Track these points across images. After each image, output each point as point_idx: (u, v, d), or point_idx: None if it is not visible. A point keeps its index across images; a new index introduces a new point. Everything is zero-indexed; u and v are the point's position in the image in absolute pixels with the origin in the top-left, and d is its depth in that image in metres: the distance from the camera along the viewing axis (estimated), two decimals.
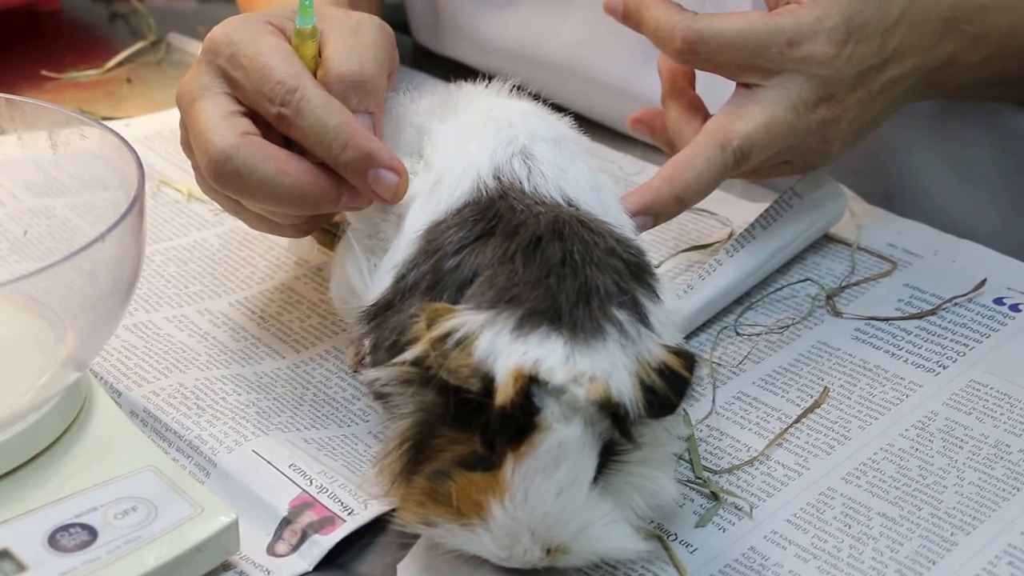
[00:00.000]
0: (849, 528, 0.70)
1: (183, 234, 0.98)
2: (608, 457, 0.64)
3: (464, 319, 0.62)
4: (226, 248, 0.97)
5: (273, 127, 0.74)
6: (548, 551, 0.62)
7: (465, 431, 0.63)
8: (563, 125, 0.79)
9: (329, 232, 0.85)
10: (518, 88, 0.80)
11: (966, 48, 0.87)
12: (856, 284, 0.89)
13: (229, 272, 0.94)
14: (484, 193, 0.71)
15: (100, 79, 1.24)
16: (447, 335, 0.62)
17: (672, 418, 0.66)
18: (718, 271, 0.87)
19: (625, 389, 0.62)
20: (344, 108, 0.73)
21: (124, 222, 0.68)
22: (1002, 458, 0.74)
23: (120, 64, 1.26)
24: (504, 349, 0.61)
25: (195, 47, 1.29)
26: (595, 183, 0.74)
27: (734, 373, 0.82)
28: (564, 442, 0.61)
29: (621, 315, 0.64)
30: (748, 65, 0.82)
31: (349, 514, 0.70)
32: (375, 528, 0.71)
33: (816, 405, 0.79)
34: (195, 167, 0.79)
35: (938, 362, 0.81)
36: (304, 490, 0.72)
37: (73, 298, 0.70)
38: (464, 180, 0.72)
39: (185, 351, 0.85)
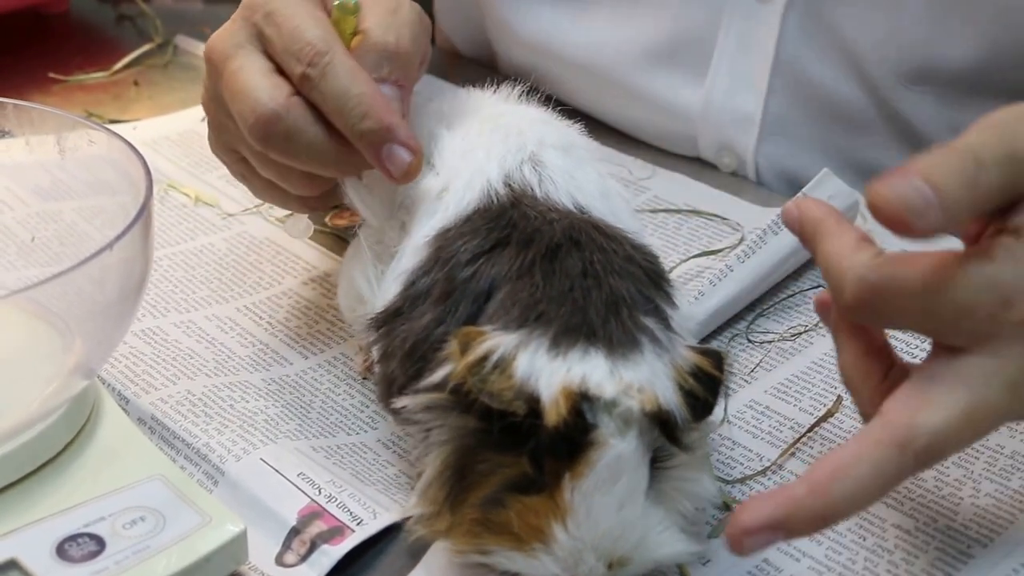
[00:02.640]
0: (864, 540, 0.69)
1: (190, 238, 0.98)
2: (654, 465, 0.63)
3: (498, 341, 0.61)
4: (233, 253, 0.96)
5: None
6: (610, 566, 0.61)
7: (511, 454, 0.61)
8: (572, 131, 0.78)
9: (337, 237, 0.85)
10: (528, 93, 0.80)
11: None
12: None
13: (236, 277, 0.93)
14: (495, 200, 0.70)
15: (107, 81, 1.24)
16: (483, 359, 0.61)
17: (701, 426, 0.65)
18: (729, 277, 0.86)
19: (670, 396, 0.61)
20: (371, 81, 0.73)
21: (132, 229, 0.67)
22: (1019, 469, 0.73)
23: (127, 66, 1.26)
24: (545, 368, 0.60)
25: (202, 49, 1.28)
26: (605, 190, 0.74)
27: (746, 381, 0.81)
28: (622, 456, 0.60)
29: (650, 323, 0.64)
30: (946, 331, 0.61)
31: (358, 524, 0.70)
32: (384, 538, 0.70)
33: (829, 414, 0.78)
34: (213, 125, 0.79)
35: None
36: (313, 499, 0.71)
37: (81, 305, 0.69)
38: (473, 187, 0.72)
39: (193, 357, 0.84)
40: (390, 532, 0.70)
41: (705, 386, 0.63)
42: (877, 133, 1.02)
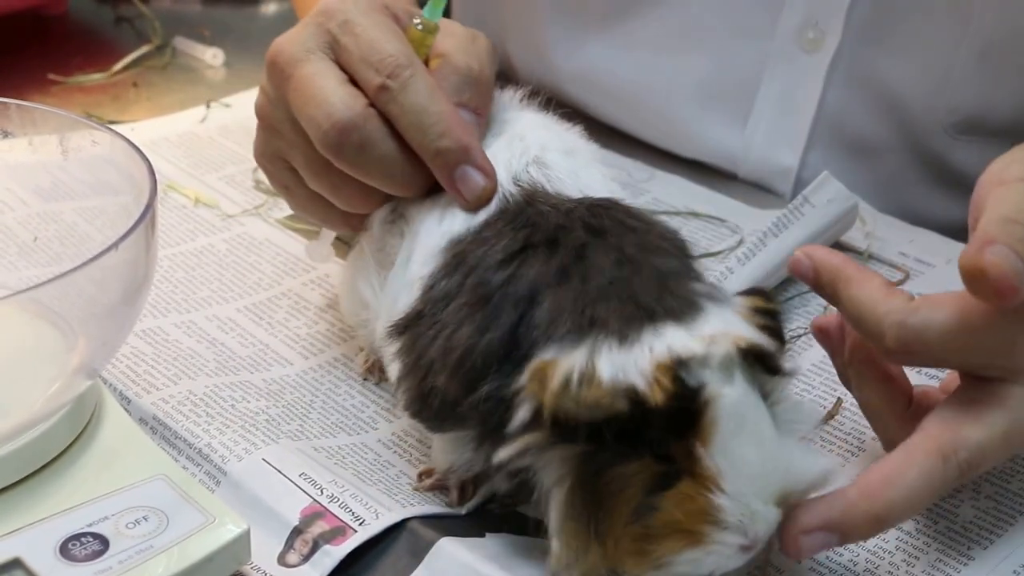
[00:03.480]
0: (864, 541, 0.70)
1: (190, 239, 0.98)
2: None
3: (570, 360, 0.60)
4: (233, 253, 0.96)
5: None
6: (778, 504, 0.61)
7: (634, 460, 0.60)
8: (573, 135, 0.78)
9: (342, 241, 0.85)
10: (530, 97, 0.80)
11: None
12: None
13: (236, 277, 0.93)
14: (510, 201, 0.70)
15: (106, 83, 1.24)
16: (566, 382, 0.60)
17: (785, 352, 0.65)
18: (729, 279, 0.87)
19: (753, 332, 0.62)
20: (450, 101, 0.72)
21: (137, 229, 0.67)
22: (1018, 472, 0.73)
23: (126, 68, 1.26)
24: (627, 361, 0.60)
25: (201, 51, 1.29)
26: (611, 191, 0.74)
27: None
28: (738, 400, 0.60)
29: (700, 287, 0.64)
30: (987, 365, 0.64)
31: (360, 524, 0.70)
32: (386, 538, 0.70)
33: (830, 416, 0.78)
34: (267, 129, 0.77)
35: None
36: (315, 499, 0.71)
37: (85, 306, 0.69)
38: None
39: (194, 357, 0.84)
40: (392, 532, 0.70)
41: (771, 319, 0.63)
42: (920, 182, 1.03)
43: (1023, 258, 0.61)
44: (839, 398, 0.79)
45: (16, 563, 0.63)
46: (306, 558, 0.69)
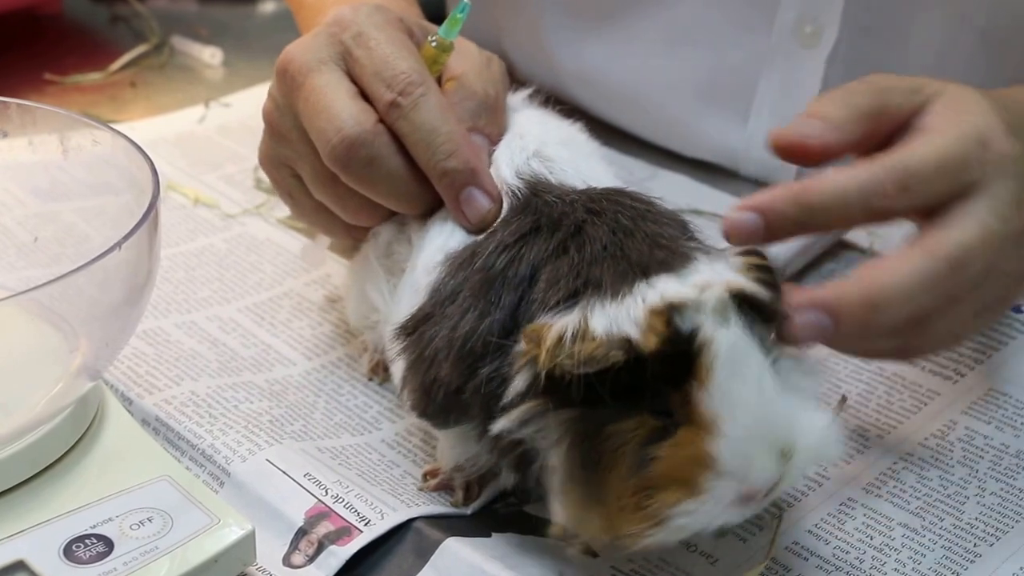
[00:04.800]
0: (871, 539, 0.70)
1: (190, 239, 0.97)
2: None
3: (564, 320, 0.60)
4: (233, 254, 0.96)
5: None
6: (782, 456, 0.60)
7: (631, 417, 0.60)
8: (573, 129, 0.78)
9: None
10: (531, 96, 0.80)
11: None
12: None
13: (237, 278, 0.93)
14: (518, 195, 0.70)
15: (103, 83, 1.23)
16: (560, 339, 0.60)
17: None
18: None
19: (746, 280, 0.61)
20: (460, 122, 0.72)
21: (140, 229, 0.67)
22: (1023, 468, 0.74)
23: (123, 68, 1.26)
24: (620, 312, 0.59)
25: (198, 50, 1.28)
26: (613, 181, 0.74)
27: None
28: (734, 343, 0.60)
29: (693, 244, 0.64)
30: (955, 187, 0.68)
31: (366, 524, 0.70)
32: (392, 538, 0.70)
33: (834, 414, 0.78)
34: (273, 136, 0.76)
35: (956, 370, 0.81)
36: (320, 500, 0.71)
37: (86, 307, 0.69)
38: None
39: (196, 358, 0.84)
40: (397, 532, 0.70)
41: (766, 273, 0.63)
42: None
43: (902, 188, 0.66)
44: (843, 396, 0.79)
45: (20, 565, 0.62)
46: (311, 559, 0.69)
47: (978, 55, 0.96)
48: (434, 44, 0.74)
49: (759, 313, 0.62)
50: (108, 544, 0.64)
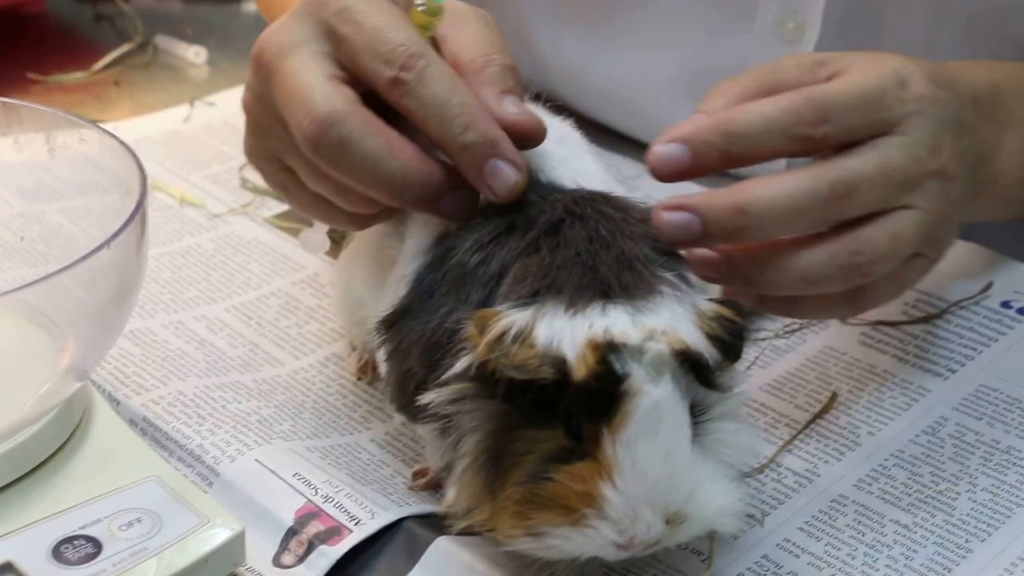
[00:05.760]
0: (862, 536, 0.69)
1: (177, 239, 0.97)
2: (693, 420, 0.62)
3: (514, 317, 0.60)
4: (220, 253, 0.95)
5: (374, 99, 0.67)
6: (668, 521, 0.60)
7: (545, 428, 0.60)
8: (565, 126, 0.78)
9: (333, 241, 0.84)
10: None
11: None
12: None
13: (224, 277, 0.92)
14: None
15: (87, 82, 1.23)
16: (502, 335, 0.60)
17: (731, 370, 0.65)
18: None
19: (697, 338, 0.60)
20: (470, 90, 0.66)
21: (128, 228, 0.66)
22: (1014, 463, 0.73)
23: (107, 67, 1.25)
24: (565, 329, 0.59)
25: (183, 49, 1.28)
26: (605, 180, 0.73)
27: (741, 379, 0.81)
28: (659, 402, 0.59)
29: (668, 275, 0.63)
30: (873, 121, 0.68)
31: (356, 524, 0.69)
32: (382, 538, 0.70)
33: (825, 410, 0.78)
34: (255, 129, 0.72)
35: (946, 366, 0.80)
36: (309, 500, 0.71)
37: (74, 307, 0.68)
38: None
39: (183, 358, 0.83)
40: (388, 532, 0.70)
41: (729, 332, 0.62)
42: None
43: (822, 118, 0.66)
44: (833, 393, 0.79)
45: (8, 567, 0.62)
46: (301, 559, 0.68)
47: (963, 46, 0.96)
48: (422, 8, 0.70)
49: (702, 373, 0.62)
50: (96, 545, 0.63)
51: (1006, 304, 0.85)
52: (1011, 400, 0.78)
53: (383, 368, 0.71)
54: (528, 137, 0.68)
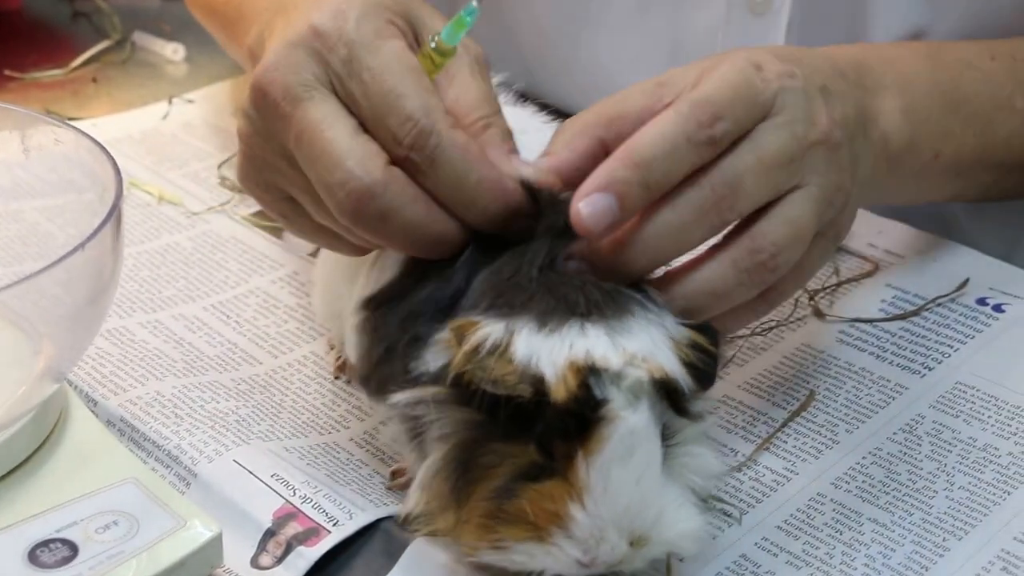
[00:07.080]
0: (840, 534, 0.70)
1: (154, 237, 0.97)
2: (661, 443, 0.62)
3: (489, 329, 0.60)
4: (199, 251, 0.95)
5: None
6: (631, 544, 0.61)
7: (518, 443, 0.61)
8: (536, 119, 0.78)
9: None
10: (499, 85, 0.79)
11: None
12: (838, 285, 0.88)
13: (202, 276, 0.92)
14: None
15: (65, 79, 1.22)
16: (478, 347, 0.60)
17: (702, 397, 0.65)
18: None
19: (675, 365, 0.61)
20: (482, 156, 0.65)
21: (103, 229, 0.66)
22: (991, 461, 0.74)
23: (85, 64, 1.24)
24: (543, 347, 0.59)
25: (161, 46, 1.27)
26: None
27: (719, 377, 0.81)
28: (635, 429, 0.59)
29: (634, 294, 0.63)
30: (753, 108, 0.68)
31: (334, 525, 0.69)
32: (360, 539, 0.70)
33: (802, 408, 0.78)
34: (253, 161, 0.69)
35: (923, 364, 0.81)
36: (288, 500, 0.70)
37: (50, 308, 0.68)
38: None
39: (161, 357, 0.83)
40: (366, 533, 0.69)
41: (703, 360, 0.62)
42: None
43: (715, 117, 0.65)
44: (811, 391, 0.79)
45: None
46: (279, 560, 0.68)
47: (948, 8, 0.95)
48: (434, 47, 0.67)
49: (676, 400, 0.62)
50: (73, 548, 0.63)
51: (982, 301, 0.85)
52: (987, 397, 0.78)
53: (350, 345, 0.70)
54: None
